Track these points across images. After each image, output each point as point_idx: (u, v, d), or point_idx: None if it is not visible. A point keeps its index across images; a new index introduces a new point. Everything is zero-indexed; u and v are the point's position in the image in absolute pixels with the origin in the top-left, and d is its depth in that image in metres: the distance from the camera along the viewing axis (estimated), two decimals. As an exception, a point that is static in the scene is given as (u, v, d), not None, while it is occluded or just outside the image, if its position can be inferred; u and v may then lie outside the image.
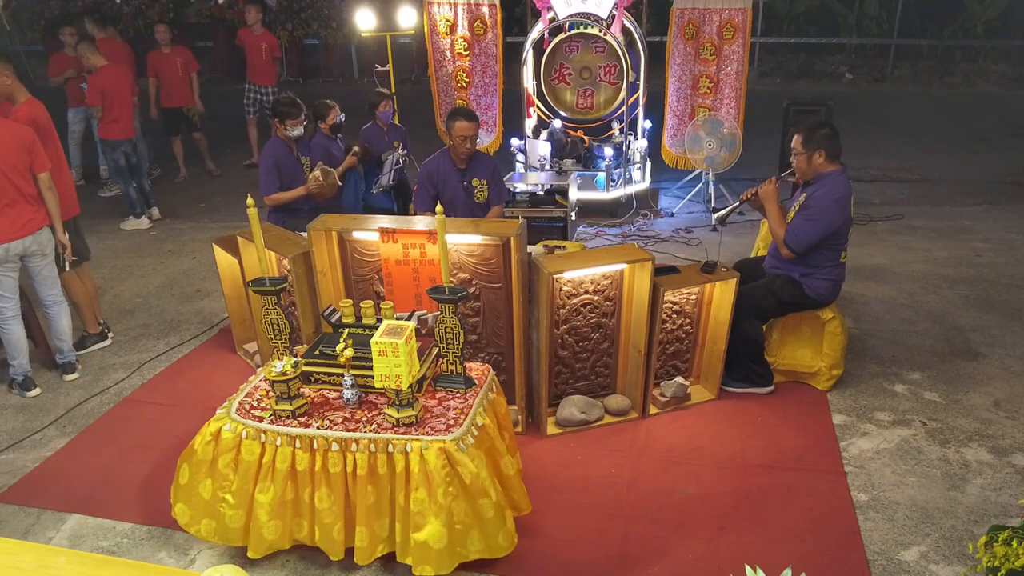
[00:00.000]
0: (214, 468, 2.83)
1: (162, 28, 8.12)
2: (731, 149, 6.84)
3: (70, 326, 4.34)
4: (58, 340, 4.32)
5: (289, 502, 2.79)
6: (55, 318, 4.27)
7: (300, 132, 5.10)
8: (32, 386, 4.19)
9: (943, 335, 4.69)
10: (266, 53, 8.55)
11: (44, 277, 4.17)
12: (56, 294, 4.25)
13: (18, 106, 4.19)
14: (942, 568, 2.86)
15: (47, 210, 4.05)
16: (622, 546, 2.99)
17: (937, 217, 7.01)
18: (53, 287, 4.22)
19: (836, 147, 3.79)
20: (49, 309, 4.26)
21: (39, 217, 4.01)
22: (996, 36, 14.42)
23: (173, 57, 7.99)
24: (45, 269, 4.14)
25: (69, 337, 4.34)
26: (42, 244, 4.05)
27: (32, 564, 1.66)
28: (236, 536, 2.83)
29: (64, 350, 4.33)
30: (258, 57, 8.54)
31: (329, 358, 2.95)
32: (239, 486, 2.79)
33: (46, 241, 4.08)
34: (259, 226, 2.94)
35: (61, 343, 4.32)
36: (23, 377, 4.17)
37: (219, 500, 2.82)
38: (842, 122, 4.75)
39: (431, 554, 2.64)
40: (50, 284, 4.20)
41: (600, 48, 7.02)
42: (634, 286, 3.64)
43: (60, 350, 4.33)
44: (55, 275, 4.22)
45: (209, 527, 2.87)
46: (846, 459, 3.50)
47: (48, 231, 4.09)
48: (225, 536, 2.85)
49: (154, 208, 7.25)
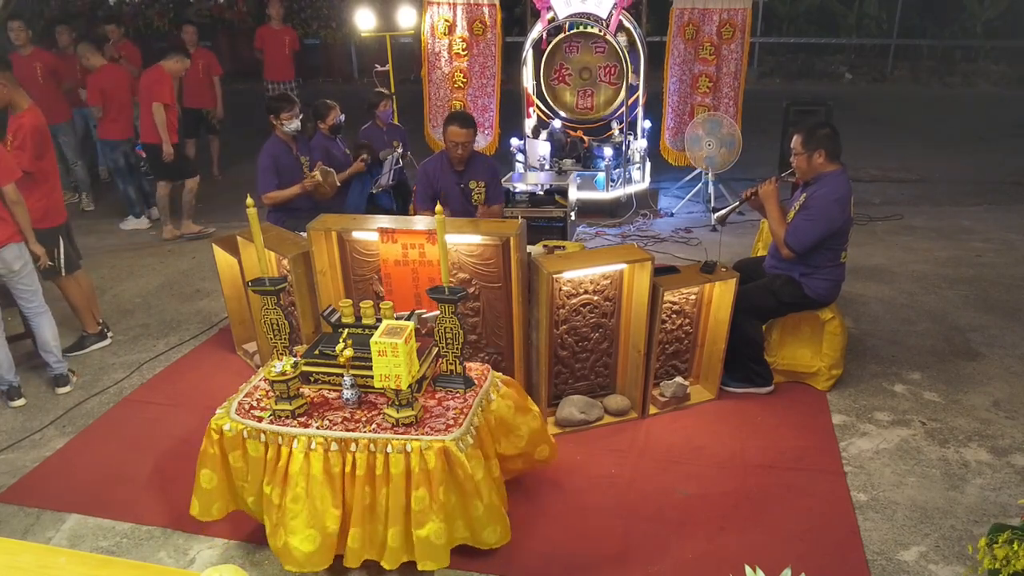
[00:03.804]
0: (226, 462, 2.87)
1: (190, 29, 8.13)
2: (730, 149, 6.85)
3: (56, 336, 4.20)
4: (44, 352, 4.19)
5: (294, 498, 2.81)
6: (38, 329, 4.15)
7: (296, 126, 5.08)
8: (17, 396, 4.09)
9: (943, 335, 4.69)
10: (288, 47, 8.58)
11: (20, 291, 4.04)
12: (36, 305, 4.11)
13: (21, 113, 4.13)
14: (941, 568, 2.86)
15: (13, 225, 3.91)
16: (622, 546, 2.98)
17: (937, 217, 7.01)
18: (32, 299, 4.09)
19: (836, 147, 3.79)
20: (31, 320, 4.15)
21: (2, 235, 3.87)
22: (996, 36, 14.43)
23: (196, 58, 7.93)
24: (20, 283, 4.01)
25: (56, 348, 4.21)
26: (7, 263, 3.91)
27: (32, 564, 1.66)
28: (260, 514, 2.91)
29: (52, 362, 4.20)
30: (280, 52, 8.56)
31: (329, 358, 2.95)
32: (253, 476, 2.85)
33: (12, 259, 3.93)
34: (259, 226, 2.94)
35: (48, 355, 4.18)
36: (7, 387, 4.07)
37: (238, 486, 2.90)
38: (842, 122, 4.76)
39: (432, 550, 2.68)
40: (28, 297, 4.07)
41: (600, 48, 7.02)
42: (634, 286, 3.64)
43: (48, 363, 4.21)
44: (33, 287, 4.08)
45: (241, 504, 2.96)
46: (846, 459, 3.50)
47: (14, 248, 3.93)
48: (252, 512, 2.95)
49: (154, 208, 7.24)
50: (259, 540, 3.02)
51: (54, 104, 6.91)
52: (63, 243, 4.40)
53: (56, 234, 4.35)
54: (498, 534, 2.83)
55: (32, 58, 6.91)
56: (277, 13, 8.69)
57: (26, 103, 4.19)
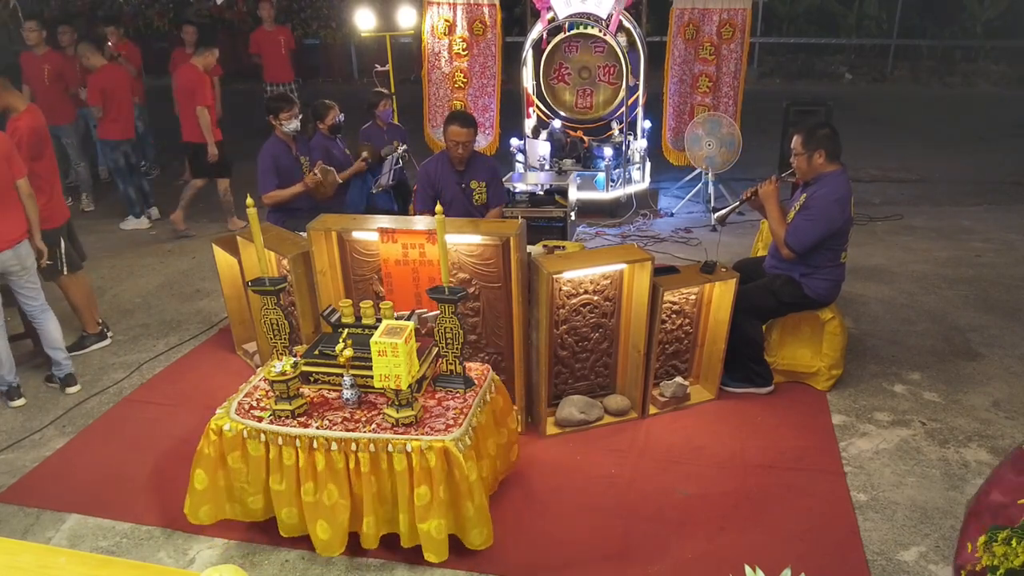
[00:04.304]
0: (224, 463, 2.88)
1: (190, 29, 8.14)
2: (730, 148, 6.85)
3: (60, 332, 4.20)
4: (51, 350, 4.17)
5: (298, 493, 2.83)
6: (43, 326, 4.14)
7: (295, 126, 5.07)
8: (17, 396, 4.08)
9: (943, 335, 4.69)
10: (284, 47, 8.58)
11: (27, 289, 4.04)
12: (40, 304, 4.11)
13: (18, 115, 4.11)
14: (941, 568, 2.86)
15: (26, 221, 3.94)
16: (622, 546, 2.98)
17: (937, 217, 7.01)
18: (36, 298, 4.09)
19: (836, 147, 3.79)
20: (36, 319, 4.14)
21: (18, 231, 3.89)
22: (996, 36, 14.43)
23: None
24: (28, 282, 4.02)
25: (62, 343, 4.20)
26: (21, 258, 3.93)
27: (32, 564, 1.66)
28: (260, 514, 2.95)
29: (60, 360, 4.18)
30: (276, 54, 8.56)
31: (328, 358, 2.95)
32: (254, 475, 2.86)
33: (25, 255, 3.95)
34: (259, 226, 2.94)
35: (55, 352, 4.17)
36: (7, 387, 4.07)
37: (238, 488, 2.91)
38: (842, 122, 4.76)
39: (434, 543, 2.73)
40: (32, 296, 4.07)
41: (599, 48, 7.02)
42: (634, 286, 3.64)
43: (56, 361, 4.19)
44: (38, 285, 4.09)
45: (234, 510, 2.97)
46: (845, 459, 3.50)
47: (26, 243, 3.95)
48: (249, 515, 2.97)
49: (153, 208, 7.25)
50: (259, 540, 3.03)
51: (58, 105, 6.95)
52: (64, 243, 4.41)
53: (57, 235, 4.35)
54: (483, 536, 2.84)
55: (43, 59, 6.96)
56: (268, 14, 8.67)
57: (23, 105, 4.18)
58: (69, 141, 7.22)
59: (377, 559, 2.90)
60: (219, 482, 2.92)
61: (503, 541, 2.99)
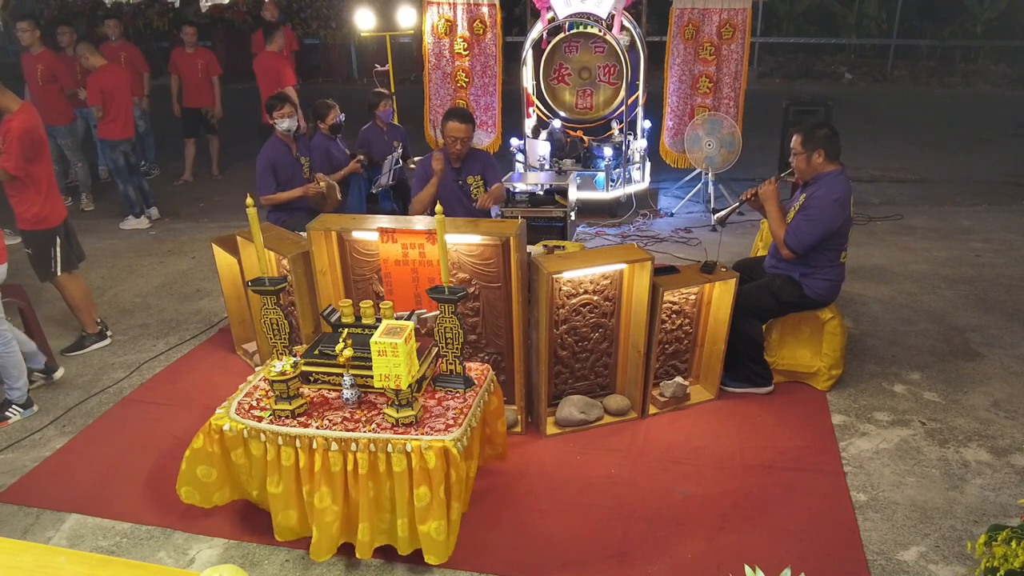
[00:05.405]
0: (227, 460, 2.89)
1: (190, 30, 8.14)
2: (730, 149, 6.85)
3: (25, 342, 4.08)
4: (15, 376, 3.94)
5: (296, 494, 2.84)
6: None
7: (290, 125, 5.06)
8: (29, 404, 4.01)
9: (943, 335, 4.69)
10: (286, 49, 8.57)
11: None
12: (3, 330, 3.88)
13: (11, 116, 4.06)
14: (941, 568, 2.86)
15: None
16: (622, 546, 2.99)
17: (937, 217, 7.01)
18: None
19: (835, 147, 3.79)
20: None
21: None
22: (996, 36, 14.43)
23: (195, 58, 7.98)
24: None
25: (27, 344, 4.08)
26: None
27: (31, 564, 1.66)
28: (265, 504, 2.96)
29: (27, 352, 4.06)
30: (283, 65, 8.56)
31: (328, 358, 2.95)
32: (257, 471, 2.87)
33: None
34: (258, 226, 2.94)
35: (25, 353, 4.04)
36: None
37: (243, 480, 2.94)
38: (842, 122, 4.76)
39: (435, 545, 2.71)
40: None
41: (599, 48, 7.02)
42: (633, 286, 3.64)
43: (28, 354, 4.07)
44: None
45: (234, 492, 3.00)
46: (845, 459, 3.50)
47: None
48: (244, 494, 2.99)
49: (153, 208, 7.25)
50: (259, 540, 3.02)
51: (53, 106, 6.92)
52: (59, 243, 4.39)
53: (53, 235, 4.33)
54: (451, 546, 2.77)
55: (37, 59, 6.92)
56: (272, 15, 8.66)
57: (16, 105, 4.11)
58: (65, 142, 7.21)
59: (377, 559, 2.90)
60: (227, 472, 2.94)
61: (503, 541, 2.99)
